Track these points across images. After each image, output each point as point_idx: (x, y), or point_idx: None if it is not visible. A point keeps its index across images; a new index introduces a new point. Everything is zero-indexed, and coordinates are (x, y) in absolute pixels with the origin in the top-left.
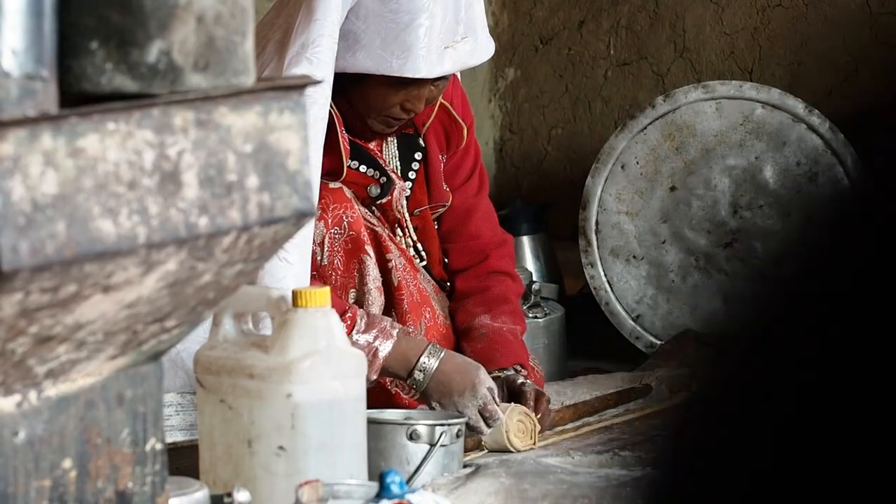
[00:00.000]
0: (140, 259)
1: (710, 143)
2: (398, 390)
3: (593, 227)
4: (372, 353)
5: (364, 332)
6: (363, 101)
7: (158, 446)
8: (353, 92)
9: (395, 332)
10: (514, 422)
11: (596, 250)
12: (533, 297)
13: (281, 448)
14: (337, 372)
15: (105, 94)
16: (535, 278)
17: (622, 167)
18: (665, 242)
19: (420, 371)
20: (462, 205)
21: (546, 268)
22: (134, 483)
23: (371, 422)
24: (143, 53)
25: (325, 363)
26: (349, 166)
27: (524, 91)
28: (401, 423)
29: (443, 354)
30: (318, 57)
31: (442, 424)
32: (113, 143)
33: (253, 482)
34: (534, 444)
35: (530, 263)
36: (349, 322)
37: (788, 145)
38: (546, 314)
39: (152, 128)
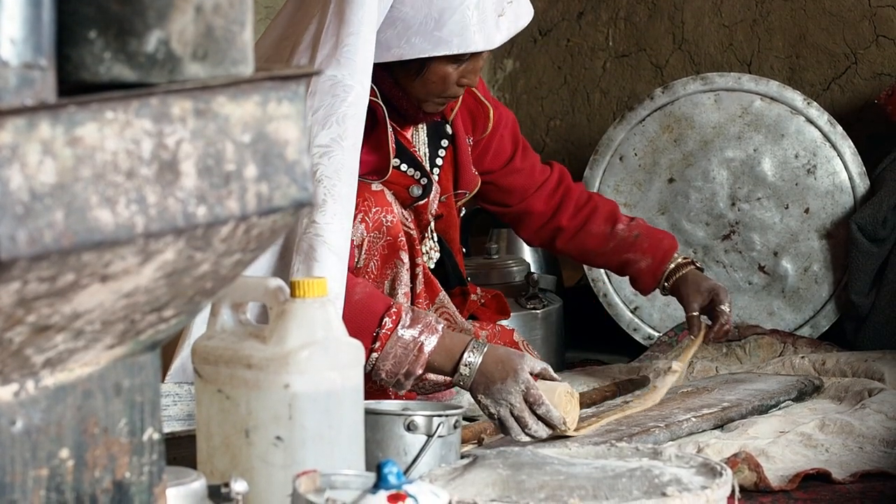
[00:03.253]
0: (138, 248)
1: (708, 135)
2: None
3: None
4: (417, 348)
5: (409, 326)
6: (424, 86)
7: (156, 436)
8: (410, 80)
9: (440, 328)
10: (562, 402)
11: None
12: (531, 288)
13: (278, 438)
14: (335, 362)
15: (103, 83)
16: (533, 270)
17: (620, 159)
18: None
19: (466, 366)
20: (534, 169)
21: (544, 259)
22: (131, 473)
23: (369, 412)
24: (142, 43)
25: (323, 354)
26: (393, 165)
27: (523, 82)
28: (398, 414)
29: (486, 349)
30: (346, 57)
31: (439, 415)
32: (111, 132)
33: (250, 472)
34: (575, 422)
35: (528, 255)
36: (395, 317)
37: (787, 137)
38: (544, 305)
39: (150, 117)
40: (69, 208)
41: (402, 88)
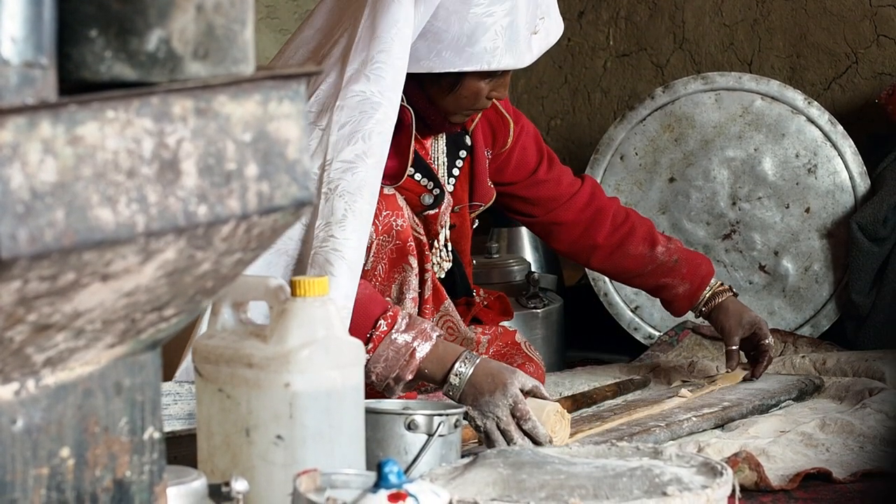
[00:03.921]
0: (139, 247)
1: (709, 135)
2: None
3: None
4: (409, 353)
5: (404, 331)
6: (456, 101)
7: (156, 435)
8: (442, 94)
9: (434, 336)
10: (550, 421)
11: None
12: (532, 287)
13: (279, 437)
14: (335, 361)
15: (104, 82)
16: (533, 269)
17: (621, 158)
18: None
19: (456, 376)
20: (560, 181)
21: (545, 258)
22: (132, 472)
23: (369, 411)
24: (143, 42)
25: (324, 353)
26: (407, 174)
27: (523, 82)
28: (399, 413)
29: (478, 361)
30: (376, 73)
31: (440, 414)
32: (112, 131)
33: (251, 471)
34: (564, 443)
35: (529, 254)
36: (390, 321)
37: (787, 137)
38: (545, 305)
39: (151, 116)
40: (70, 207)
41: (431, 100)
